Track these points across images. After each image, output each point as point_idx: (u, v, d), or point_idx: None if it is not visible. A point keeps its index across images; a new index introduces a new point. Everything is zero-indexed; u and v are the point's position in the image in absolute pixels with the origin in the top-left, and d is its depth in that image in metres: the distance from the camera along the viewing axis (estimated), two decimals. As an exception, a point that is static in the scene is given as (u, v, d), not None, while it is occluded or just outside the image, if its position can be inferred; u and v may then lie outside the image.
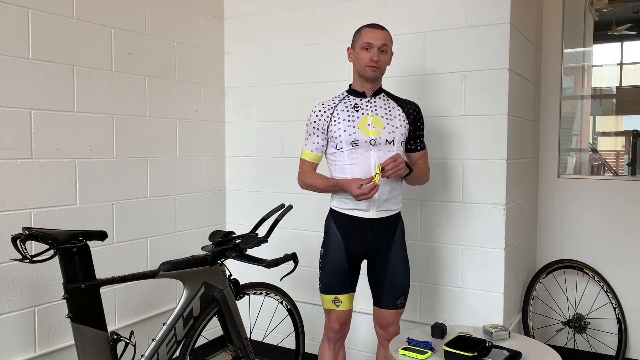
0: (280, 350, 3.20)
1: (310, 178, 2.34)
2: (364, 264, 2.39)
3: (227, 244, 2.24)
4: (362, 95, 2.31)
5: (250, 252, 2.27)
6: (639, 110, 3.81)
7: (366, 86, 2.30)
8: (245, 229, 2.45)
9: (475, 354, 1.92)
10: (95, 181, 2.68)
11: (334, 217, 2.33)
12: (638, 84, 3.99)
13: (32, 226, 2.35)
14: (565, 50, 3.43)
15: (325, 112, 2.30)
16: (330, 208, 2.36)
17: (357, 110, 2.27)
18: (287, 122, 3.30)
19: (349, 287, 2.35)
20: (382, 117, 2.27)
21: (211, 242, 2.27)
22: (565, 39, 3.41)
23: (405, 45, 2.85)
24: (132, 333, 2.02)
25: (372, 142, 2.22)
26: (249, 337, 2.39)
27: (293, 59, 3.26)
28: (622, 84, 3.92)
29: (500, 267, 2.71)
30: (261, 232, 2.31)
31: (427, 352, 2.04)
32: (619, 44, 3.88)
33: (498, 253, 2.71)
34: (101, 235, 1.96)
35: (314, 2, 3.16)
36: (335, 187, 2.25)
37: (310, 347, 3.01)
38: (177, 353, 2.15)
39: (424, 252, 2.89)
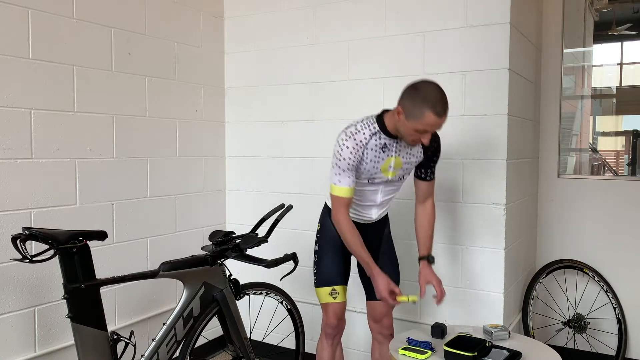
0: (280, 350, 3.20)
1: (350, 229, 2.18)
2: (355, 262, 2.43)
3: (227, 244, 2.24)
4: (393, 136, 2.17)
5: (250, 252, 2.27)
6: (639, 110, 3.81)
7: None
8: (245, 229, 2.45)
9: (475, 354, 1.92)
10: (95, 181, 2.68)
11: (330, 215, 2.34)
12: (638, 84, 3.99)
13: (32, 226, 2.35)
14: (565, 50, 3.43)
15: (358, 150, 2.13)
16: (328, 207, 2.37)
17: (384, 152, 2.17)
18: (287, 122, 3.30)
19: (343, 279, 2.41)
20: (403, 157, 2.21)
21: (211, 242, 2.27)
22: (565, 39, 3.41)
23: (405, 45, 2.85)
24: (132, 333, 2.02)
25: (387, 181, 2.25)
26: (249, 337, 2.39)
27: (293, 59, 3.26)
28: (622, 84, 3.91)
29: (500, 267, 2.71)
30: (261, 232, 2.31)
31: (427, 352, 2.04)
32: (619, 44, 3.87)
33: (498, 253, 2.71)
34: (101, 235, 1.96)
35: (314, 2, 3.16)
36: (364, 263, 2.20)
37: (310, 347, 3.01)
38: (177, 353, 2.15)
39: (424, 252, 2.89)
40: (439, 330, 2.24)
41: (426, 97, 1.93)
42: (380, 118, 2.14)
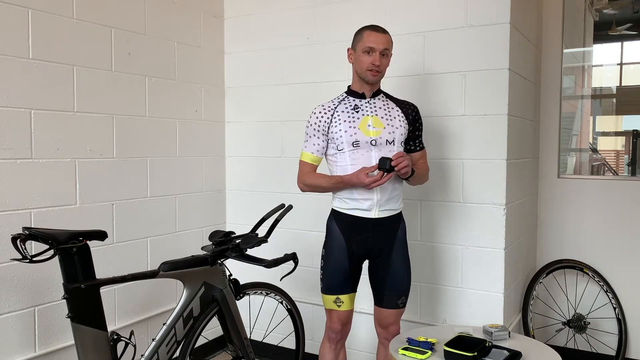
0: (280, 350, 3.20)
1: (312, 178, 2.33)
2: (365, 264, 2.39)
3: (227, 244, 2.24)
4: (361, 96, 2.31)
5: (250, 252, 2.27)
6: (639, 110, 3.81)
7: (365, 87, 2.30)
8: (245, 229, 2.45)
9: (475, 354, 1.92)
10: (95, 181, 2.68)
11: (336, 217, 2.33)
12: (638, 84, 3.99)
13: (32, 226, 2.34)
14: (565, 50, 3.43)
15: (325, 113, 2.30)
16: (332, 208, 2.36)
17: (357, 111, 2.28)
18: (287, 122, 3.30)
19: (350, 287, 2.35)
20: (382, 117, 2.27)
21: (211, 242, 2.27)
22: (565, 39, 3.41)
23: (405, 45, 2.85)
24: (132, 333, 2.02)
25: (373, 142, 2.22)
26: (249, 337, 2.39)
27: (293, 59, 3.26)
28: (622, 84, 3.91)
29: (500, 267, 2.71)
30: (261, 232, 2.31)
31: (427, 352, 2.04)
32: (619, 44, 3.87)
33: (498, 253, 2.71)
34: (101, 235, 1.96)
35: (314, 2, 3.16)
36: (340, 184, 2.24)
37: (310, 347, 3.01)
38: (177, 353, 2.15)
39: (424, 252, 2.89)
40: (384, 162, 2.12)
41: (363, 26, 2.30)
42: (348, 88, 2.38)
